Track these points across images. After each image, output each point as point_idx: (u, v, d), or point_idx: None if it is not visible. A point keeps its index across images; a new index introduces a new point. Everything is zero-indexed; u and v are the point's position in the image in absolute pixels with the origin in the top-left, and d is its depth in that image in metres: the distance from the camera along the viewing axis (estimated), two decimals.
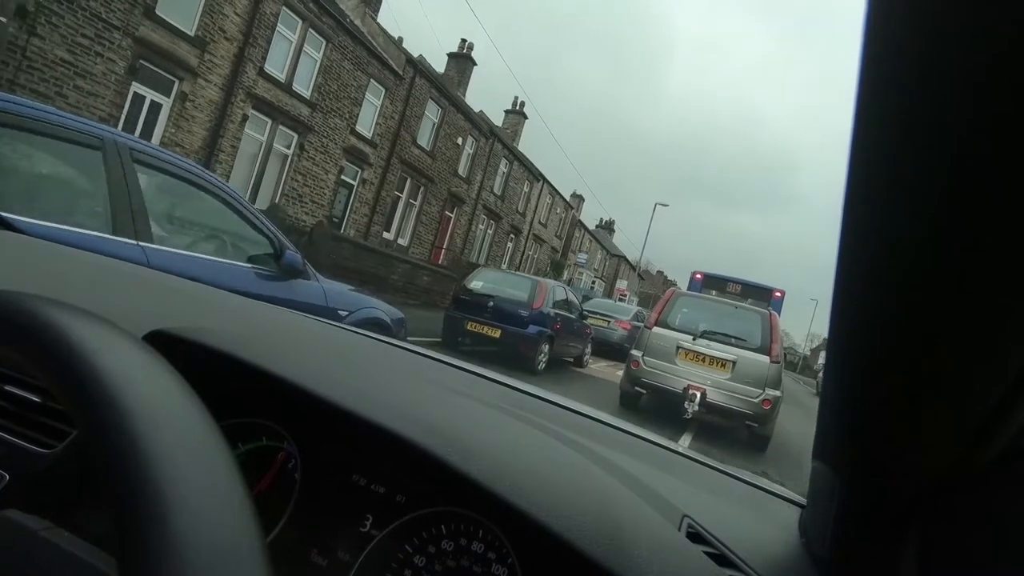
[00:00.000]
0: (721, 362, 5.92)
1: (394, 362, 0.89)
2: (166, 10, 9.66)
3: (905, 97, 0.22)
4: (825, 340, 0.41)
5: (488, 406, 0.61)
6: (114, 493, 0.24)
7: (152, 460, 0.24)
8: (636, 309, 14.04)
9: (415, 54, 16.19)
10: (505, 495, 0.39)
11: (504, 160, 22.05)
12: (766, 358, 5.82)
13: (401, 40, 16.17)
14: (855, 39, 0.23)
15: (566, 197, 29.87)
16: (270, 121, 12.26)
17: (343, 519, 0.45)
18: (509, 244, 24.28)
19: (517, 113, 25.80)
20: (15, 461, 0.46)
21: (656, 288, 32.46)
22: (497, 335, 7.18)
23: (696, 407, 5.70)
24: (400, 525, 0.44)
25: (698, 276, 7.69)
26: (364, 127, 14.92)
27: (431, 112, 17.24)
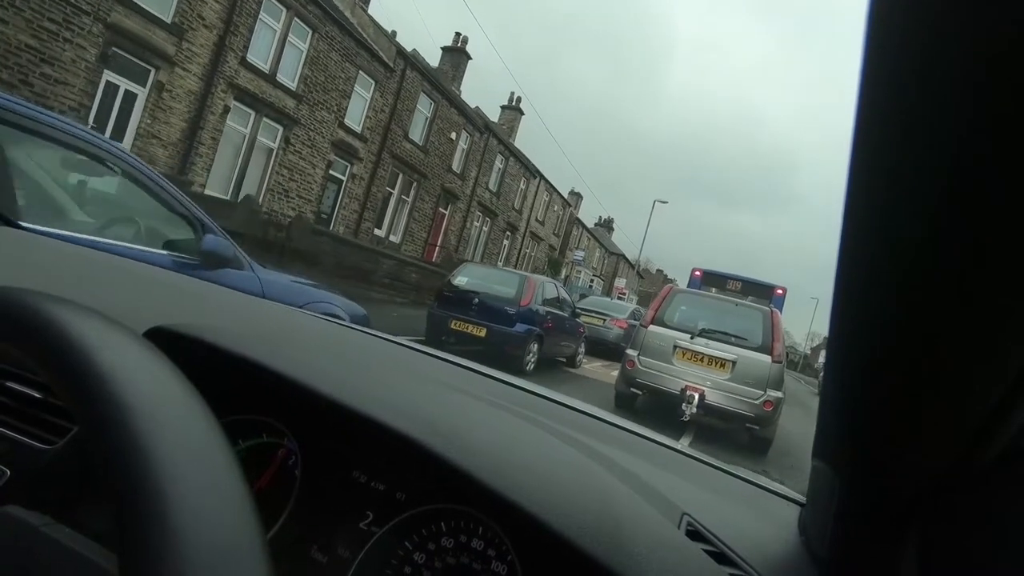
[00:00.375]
0: (720, 362, 5.70)
1: (394, 359, 0.89)
2: None
3: (905, 97, 0.22)
4: (825, 339, 0.42)
5: (487, 403, 0.62)
6: (114, 489, 0.24)
7: (153, 457, 0.24)
8: (633, 307, 13.80)
9: (410, 49, 15.79)
10: (505, 492, 0.40)
11: (500, 156, 21.81)
12: (767, 357, 5.61)
13: (395, 34, 15.79)
14: (855, 39, 0.23)
15: (564, 195, 29.45)
16: (253, 113, 11.95)
17: (343, 516, 0.46)
18: (505, 242, 24.02)
19: (513, 109, 25.48)
20: (16, 457, 0.46)
21: (656, 287, 32.10)
22: (482, 334, 6.86)
23: (694, 409, 5.50)
24: (400, 522, 0.45)
25: (697, 273, 7.64)
26: (353, 120, 14.64)
27: (423, 106, 16.96)
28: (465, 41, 20.93)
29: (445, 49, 20.95)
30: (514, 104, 25.56)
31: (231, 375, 0.49)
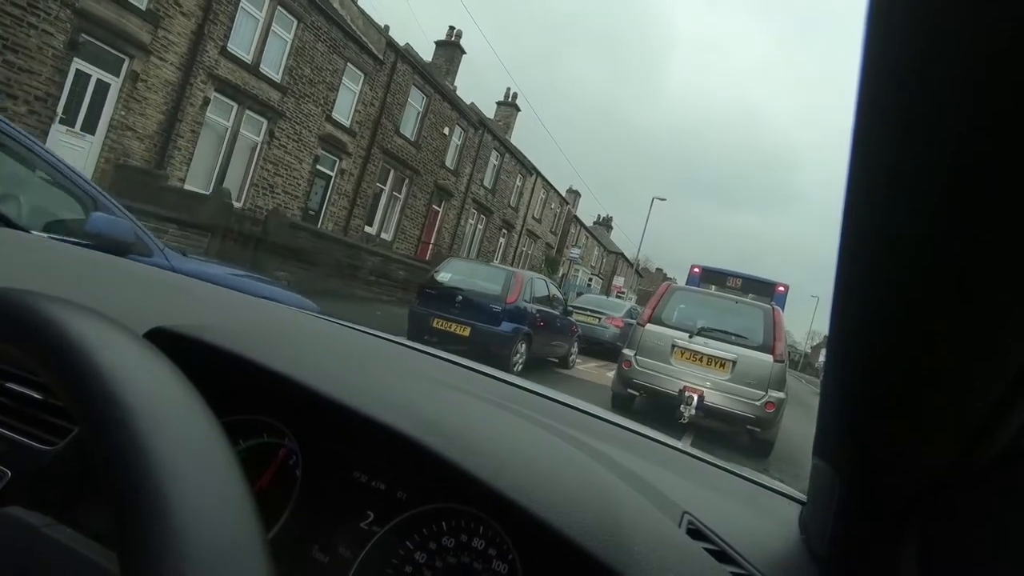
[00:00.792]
0: (720, 362, 5.50)
1: (395, 358, 0.90)
2: None
3: (905, 94, 0.23)
4: (826, 337, 0.42)
5: (488, 402, 0.63)
6: (115, 489, 0.24)
7: (153, 457, 0.24)
8: (630, 305, 13.57)
9: (402, 44, 15.39)
10: (505, 491, 0.40)
11: (495, 152, 21.54)
12: (769, 357, 5.42)
13: (388, 28, 15.40)
14: (855, 38, 0.23)
15: (562, 192, 29.04)
16: (236, 105, 11.68)
17: (344, 515, 0.46)
18: (501, 239, 23.78)
19: (509, 105, 25.24)
20: (17, 458, 0.47)
21: (655, 286, 31.76)
22: (466, 333, 6.52)
23: (693, 410, 5.33)
24: (401, 521, 0.46)
25: (696, 270, 7.39)
26: (341, 114, 14.42)
27: (415, 100, 16.69)
28: (459, 35, 20.76)
29: (438, 43, 20.80)
30: (510, 100, 25.38)
31: (232, 375, 0.50)
